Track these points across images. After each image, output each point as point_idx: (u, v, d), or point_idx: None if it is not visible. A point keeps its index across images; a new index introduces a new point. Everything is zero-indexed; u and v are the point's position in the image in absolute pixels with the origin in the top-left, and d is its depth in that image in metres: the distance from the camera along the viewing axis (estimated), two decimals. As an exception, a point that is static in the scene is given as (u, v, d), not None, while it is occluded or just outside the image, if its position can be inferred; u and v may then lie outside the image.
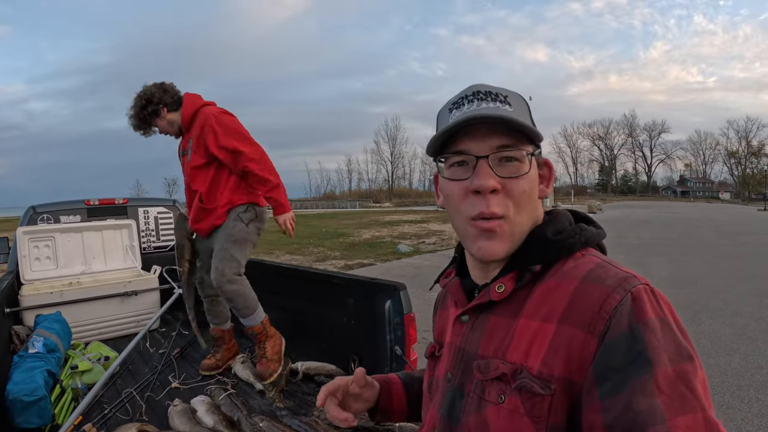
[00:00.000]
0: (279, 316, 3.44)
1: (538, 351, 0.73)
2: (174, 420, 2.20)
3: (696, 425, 0.60)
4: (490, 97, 0.81)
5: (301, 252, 15.72)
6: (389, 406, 1.15)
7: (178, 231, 3.14)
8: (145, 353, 3.42)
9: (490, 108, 0.80)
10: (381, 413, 1.15)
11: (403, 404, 1.15)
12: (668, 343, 0.65)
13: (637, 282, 0.72)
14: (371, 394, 1.13)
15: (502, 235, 0.80)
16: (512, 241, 0.81)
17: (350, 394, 1.11)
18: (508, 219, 0.80)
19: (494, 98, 0.81)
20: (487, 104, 0.81)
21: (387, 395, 1.15)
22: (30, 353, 2.54)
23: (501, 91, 0.83)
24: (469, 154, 0.80)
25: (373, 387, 1.14)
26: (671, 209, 43.22)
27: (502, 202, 0.79)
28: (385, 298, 2.44)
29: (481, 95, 0.82)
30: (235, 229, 2.89)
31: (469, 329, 0.86)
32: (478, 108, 0.81)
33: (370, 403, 1.13)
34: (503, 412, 0.75)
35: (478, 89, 0.83)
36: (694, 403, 0.61)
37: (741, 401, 4.05)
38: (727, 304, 7.27)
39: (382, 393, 1.14)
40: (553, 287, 0.77)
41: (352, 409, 1.12)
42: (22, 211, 4.41)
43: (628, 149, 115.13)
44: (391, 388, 1.16)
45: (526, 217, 0.81)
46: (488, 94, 0.82)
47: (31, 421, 2.17)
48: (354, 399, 1.11)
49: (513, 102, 0.82)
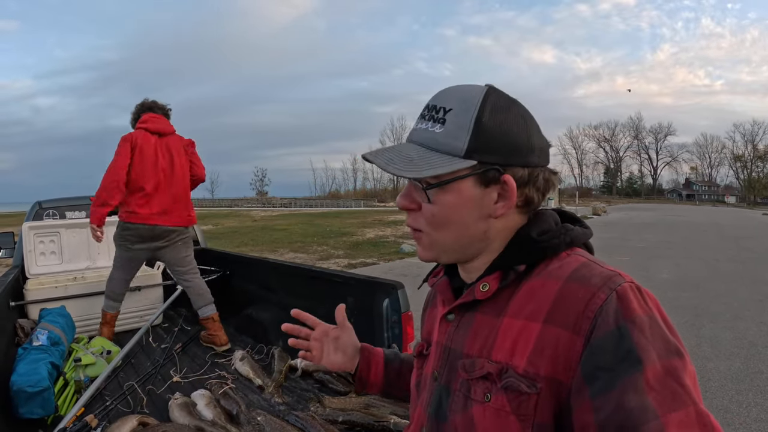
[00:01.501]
0: (279, 313, 3.48)
1: (523, 350, 0.73)
2: (174, 413, 2.24)
3: (689, 420, 0.60)
4: (430, 115, 0.81)
5: (305, 250, 15.75)
6: (366, 376, 1.20)
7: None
8: (147, 348, 3.46)
9: (420, 132, 0.82)
10: (358, 380, 1.21)
11: (379, 376, 1.20)
12: (656, 339, 0.65)
13: (622, 280, 0.72)
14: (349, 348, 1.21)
15: (423, 244, 0.86)
16: (434, 251, 0.86)
17: (331, 339, 1.20)
18: (425, 233, 0.84)
19: (432, 116, 0.81)
20: (422, 125, 0.82)
21: (366, 364, 1.20)
22: (34, 346, 2.58)
23: (448, 103, 0.80)
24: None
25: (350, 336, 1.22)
26: (676, 212, 43.05)
27: (416, 219, 0.84)
28: (384, 296, 2.46)
29: (425, 111, 0.83)
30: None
31: (455, 328, 0.87)
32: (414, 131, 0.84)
33: (348, 361, 1.20)
34: (489, 411, 0.75)
35: (430, 102, 0.83)
36: (686, 398, 0.61)
37: (740, 405, 4.06)
38: (728, 308, 7.26)
39: (362, 360, 1.20)
40: (538, 287, 0.77)
41: (330, 359, 1.19)
42: (28, 206, 4.45)
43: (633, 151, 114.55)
44: (372, 358, 1.21)
45: (448, 236, 0.82)
46: (432, 110, 0.81)
47: (35, 412, 2.20)
48: (333, 349, 1.20)
49: (451, 118, 0.78)
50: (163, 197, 3.43)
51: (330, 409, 2.18)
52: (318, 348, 1.20)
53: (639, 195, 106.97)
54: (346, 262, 12.91)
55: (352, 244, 17.46)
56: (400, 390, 1.21)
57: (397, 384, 1.21)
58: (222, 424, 2.14)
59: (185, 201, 3.58)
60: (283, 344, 3.19)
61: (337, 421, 2.09)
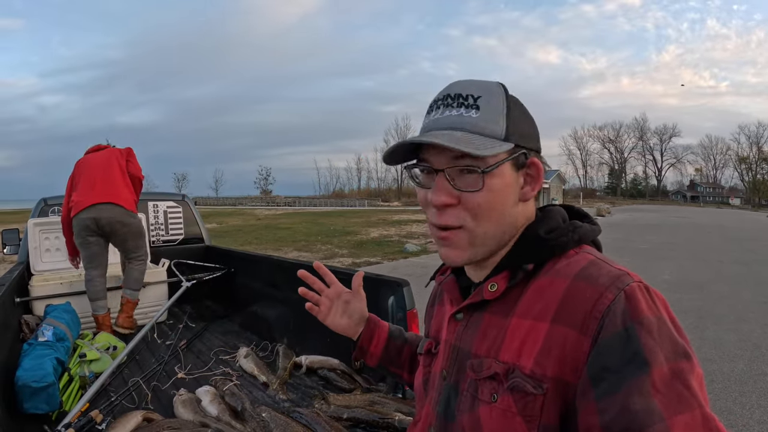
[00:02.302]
0: (284, 310, 3.48)
1: (531, 350, 0.73)
2: (179, 409, 2.24)
3: (694, 423, 0.59)
4: (458, 102, 0.79)
5: (309, 249, 15.78)
6: (367, 346, 1.22)
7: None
8: (152, 344, 3.47)
9: (452, 117, 0.79)
10: (359, 349, 1.23)
11: (379, 349, 1.22)
12: (664, 341, 0.64)
13: (631, 280, 0.71)
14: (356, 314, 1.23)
15: (458, 244, 0.81)
16: (473, 248, 0.81)
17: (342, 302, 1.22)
18: (466, 228, 0.80)
19: (461, 103, 0.79)
20: (451, 112, 0.79)
21: (369, 334, 1.22)
22: (39, 341, 2.58)
23: (474, 92, 0.80)
24: (429, 165, 0.80)
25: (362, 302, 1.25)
26: (680, 214, 42.96)
27: (457, 215, 0.79)
28: (389, 294, 2.46)
29: (449, 100, 0.80)
30: None
31: (463, 327, 0.87)
32: (441, 119, 0.80)
33: (353, 327, 1.23)
34: (496, 412, 0.75)
35: (449, 92, 0.81)
36: (692, 401, 0.61)
37: (743, 407, 4.05)
38: (732, 310, 7.25)
39: (365, 329, 1.22)
40: (546, 286, 0.76)
41: (335, 321, 1.22)
42: (33, 203, 4.46)
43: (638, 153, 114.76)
44: (375, 330, 1.23)
45: (491, 226, 0.80)
46: (457, 98, 0.80)
47: (39, 407, 2.20)
48: (341, 311, 1.22)
49: (483, 104, 0.79)
50: (94, 187, 3.68)
51: (334, 406, 2.18)
52: (327, 305, 1.23)
53: (643, 196, 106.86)
54: (350, 261, 12.93)
55: (356, 243, 17.47)
56: (398, 367, 1.23)
57: (396, 361, 1.23)
58: (226, 421, 2.14)
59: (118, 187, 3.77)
60: (287, 341, 3.20)
61: (341, 418, 2.08)
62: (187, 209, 5.11)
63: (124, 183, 3.80)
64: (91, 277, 3.67)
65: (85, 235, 3.61)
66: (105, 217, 3.56)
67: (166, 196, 5.09)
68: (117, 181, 3.78)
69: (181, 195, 5.22)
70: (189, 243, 5.08)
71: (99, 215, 3.56)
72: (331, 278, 1.26)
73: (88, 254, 3.68)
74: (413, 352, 1.22)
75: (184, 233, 5.06)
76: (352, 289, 1.23)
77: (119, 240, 3.72)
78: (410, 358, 1.23)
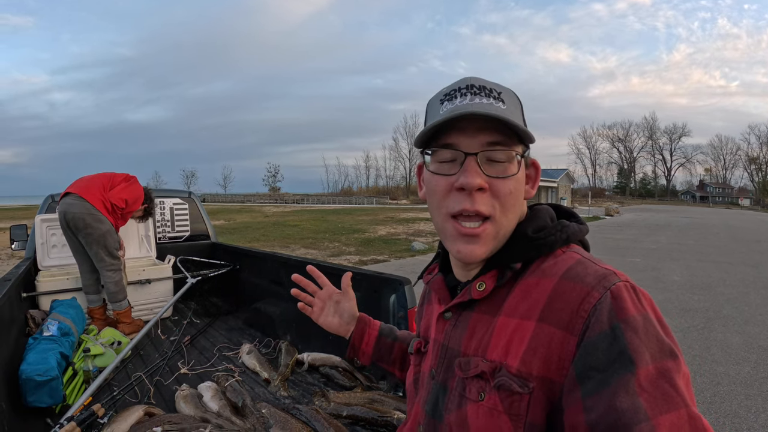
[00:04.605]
0: (288, 307, 3.49)
1: (517, 349, 0.73)
2: (180, 404, 2.26)
3: (680, 422, 0.59)
4: (484, 92, 0.78)
5: (317, 246, 15.79)
6: (359, 344, 1.25)
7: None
8: (156, 340, 3.49)
9: (483, 105, 0.77)
10: (350, 347, 1.26)
11: (370, 346, 1.25)
12: (650, 340, 0.64)
13: (617, 279, 0.71)
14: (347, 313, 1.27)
15: (485, 239, 0.79)
16: (496, 243, 0.81)
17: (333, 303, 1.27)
18: (494, 220, 0.78)
19: (488, 94, 0.78)
20: (480, 100, 0.77)
21: (360, 332, 1.26)
22: (44, 336, 2.61)
23: (495, 87, 0.80)
24: (458, 149, 0.78)
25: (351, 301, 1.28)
26: (689, 214, 42.70)
27: (488, 202, 0.77)
28: (390, 292, 2.47)
29: (474, 89, 0.79)
30: None
31: (452, 327, 0.87)
32: (471, 103, 0.77)
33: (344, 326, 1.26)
34: (483, 410, 0.75)
35: (471, 83, 0.80)
36: (678, 400, 0.60)
37: (748, 411, 4.01)
38: (739, 312, 7.18)
39: (356, 328, 1.26)
40: (533, 285, 0.76)
41: (327, 320, 1.26)
42: (42, 200, 4.49)
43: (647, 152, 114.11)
44: (366, 328, 1.27)
45: (512, 218, 0.80)
46: (482, 89, 0.79)
47: (43, 401, 2.23)
48: (333, 311, 1.27)
49: (506, 99, 0.79)
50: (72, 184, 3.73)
51: (334, 404, 2.19)
52: (319, 306, 1.27)
53: (652, 196, 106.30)
54: (357, 258, 12.93)
55: (363, 241, 17.47)
56: (390, 364, 1.25)
57: (387, 358, 1.25)
58: (227, 416, 2.16)
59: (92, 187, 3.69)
60: (290, 339, 3.21)
61: (341, 415, 2.10)
62: (193, 206, 5.13)
63: (100, 186, 3.75)
64: (81, 273, 3.73)
65: (63, 233, 3.66)
66: (70, 212, 3.52)
67: (173, 193, 5.12)
68: (94, 183, 3.75)
69: (188, 192, 5.24)
70: (195, 240, 5.10)
71: (66, 209, 3.53)
72: (324, 280, 1.29)
73: (72, 252, 3.73)
74: (404, 349, 1.24)
75: (190, 230, 5.08)
76: (342, 289, 1.27)
77: (84, 242, 3.62)
78: (401, 356, 1.24)
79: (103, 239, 3.59)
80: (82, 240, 3.59)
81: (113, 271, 3.68)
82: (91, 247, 3.59)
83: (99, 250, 3.60)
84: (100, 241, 3.59)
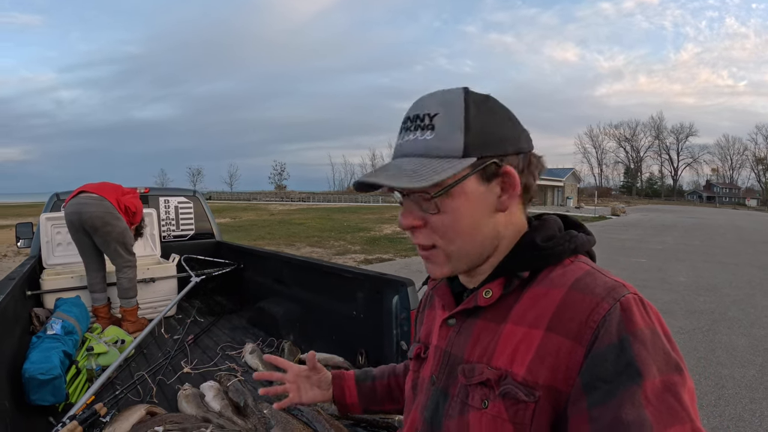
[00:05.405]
0: (292, 307, 3.50)
1: (524, 357, 0.73)
2: (182, 403, 2.26)
3: None
4: (415, 124, 0.79)
5: (322, 245, 15.80)
6: (342, 399, 1.25)
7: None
8: (159, 338, 3.51)
9: (409, 143, 0.79)
10: (339, 406, 1.26)
11: (354, 397, 1.25)
12: (657, 353, 0.65)
13: (626, 291, 0.71)
14: (323, 382, 1.26)
15: (436, 261, 0.82)
16: (451, 264, 0.82)
17: (304, 378, 1.25)
18: (439, 248, 0.81)
19: (418, 125, 0.78)
20: (408, 137, 0.79)
21: (339, 390, 1.26)
22: (48, 334, 2.62)
23: (432, 109, 0.78)
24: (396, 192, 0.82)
25: (322, 372, 1.27)
26: (696, 214, 42.54)
27: (427, 235, 0.80)
28: (393, 293, 2.46)
29: (408, 123, 0.80)
30: None
31: (455, 333, 0.86)
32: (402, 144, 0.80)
33: (324, 393, 1.25)
34: (486, 418, 0.74)
35: (409, 114, 0.80)
36: (683, 414, 0.61)
37: (753, 414, 3.99)
38: (746, 314, 7.15)
39: (335, 387, 1.26)
40: (541, 294, 0.76)
41: (308, 396, 1.24)
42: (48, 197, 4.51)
43: (654, 152, 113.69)
44: (343, 383, 1.26)
45: (463, 243, 0.79)
46: (415, 120, 0.79)
47: (46, 399, 2.24)
48: (309, 386, 1.25)
49: (439, 122, 0.77)
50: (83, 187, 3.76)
51: (336, 405, 2.19)
52: (294, 389, 1.25)
53: (659, 196, 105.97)
54: (362, 257, 12.93)
55: (369, 239, 17.48)
56: (379, 404, 1.25)
57: (374, 399, 1.25)
58: (228, 416, 2.16)
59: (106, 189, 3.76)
60: (293, 338, 3.22)
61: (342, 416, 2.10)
62: (197, 205, 5.14)
63: (113, 189, 3.83)
64: (87, 272, 3.76)
65: (72, 232, 3.66)
66: (87, 212, 3.55)
67: (178, 192, 5.13)
68: (107, 186, 3.82)
69: (192, 190, 5.25)
70: (199, 238, 5.11)
71: (81, 209, 3.55)
72: (284, 363, 1.28)
73: (79, 251, 3.74)
74: (386, 384, 1.25)
75: (194, 228, 5.10)
76: (309, 368, 1.25)
77: (100, 241, 3.66)
78: (387, 392, 1.25)
79: (122, 237, 3.68)
80: (98, 239, 3.63)
81: (129, 267, 3.77)
82: (109, 245, 3.65)
83: (118, 247, 3.67)
84: (119, 238, 3.66)
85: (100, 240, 3.63)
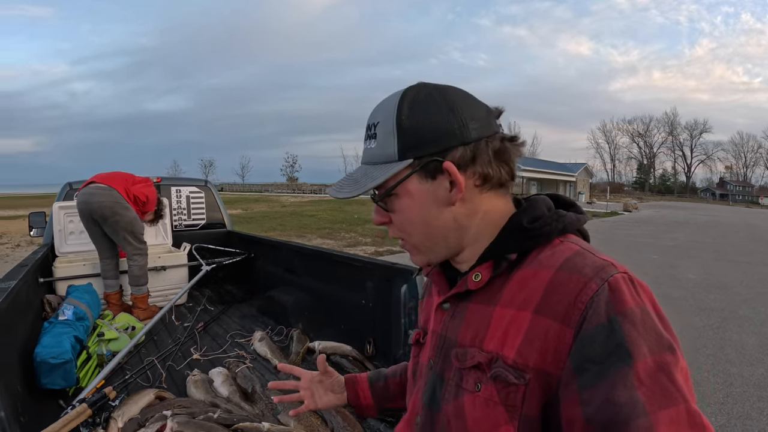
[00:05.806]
0: (301, 296, 3.52)
1: (513, 340, 0.72)
2: (191, 389, 2.29)
3: (679, 418, 0.58)
4: (367, 134, 0.86)
5: (333, 237, 15.82)
6: (357, 401, 1.27)
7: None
8: (170, 325, 3.54)
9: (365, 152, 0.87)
10: (355, 408, 1.28)
11: (369, 399, 1.26)
12: (648, 333, 0.63)
13: (615, 270, 0.69)
14: (336, 385, 1.28)
15: (410, 251, 0.90)
16: (423, 254, 0.88)
17: (317, 384, 1.27)
18: (405, 240, 0.88)
19: (369, 135, 0.85)
20: (365, 146, 0.87)
21: (353, 393, 1.27)
22: (60, 320, 2.65)
23: (376, 118, 0.83)
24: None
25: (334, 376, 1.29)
26: (709, 212, 42.18)
27: (393, 230, 0.88)
28: (402, 282, 2.47)
29: (365, 133, 0.86)
30: None
31: (450, 317, 0.86)
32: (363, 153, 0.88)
33: (339, 397, 1.27)
34: (479, 401, 0.75)
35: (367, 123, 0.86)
36: (677, 395, 0.60)
37: (760, 413, 3.96)
38: (756, 313, 7.08)
39: (348, 390, 1.27)
40: (530, 276, 0.75)
41: (323, 401, 1.26)
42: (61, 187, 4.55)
43: (667, 148, 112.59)
44: (357, 385, 1.28)
45: (421, 237, 0.85)
46: (367, 130, 0.86)
47: (56, 383, 2.27)
48: (323, 391, 1.27)
49: (380, 130, 0.82)
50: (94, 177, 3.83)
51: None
52: (309, 396, 1.26)
53: (672, 192, 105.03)
54: (373, 249, 12.93)
55: (379, 231, 17.47)
56: (394, 400, 1.26)
57: (388, 397, 1.26)
58: (236, 402, 2.18)
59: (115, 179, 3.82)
60: (302, 327, 3.23)
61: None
62: (209, 195, 5.18)
63: (123, 179, 3.88)
64: (100, 259, 3.83)
65: (84, 221, 3.72)
66: (96, 202, 3.59)
67: (189, 182, 5.17)
68: (117, 176, 3.88)
69: (204, 180, 5.29)
70: (211, 228, 5.15)
71: (90, 199, 3.59)
72: (298, 371, 1.30)
73: (92, 239, 3.80)
74: (398, 382, 1.25)
75: (206, 218, 5.13)
76: (320, 373, 1.28)
77: (109, 230, 3.70)
78: (400, 389, 1.24)
79: (130, 226, 3.72)
80: (108, 228, 3.68)
81: (140, 255, 3.82)
82: (118, 234, 3.69)
83: (126, 236, 3.72)
84: (128, 227, 3.71)
85: (110, 229, 3.67)
